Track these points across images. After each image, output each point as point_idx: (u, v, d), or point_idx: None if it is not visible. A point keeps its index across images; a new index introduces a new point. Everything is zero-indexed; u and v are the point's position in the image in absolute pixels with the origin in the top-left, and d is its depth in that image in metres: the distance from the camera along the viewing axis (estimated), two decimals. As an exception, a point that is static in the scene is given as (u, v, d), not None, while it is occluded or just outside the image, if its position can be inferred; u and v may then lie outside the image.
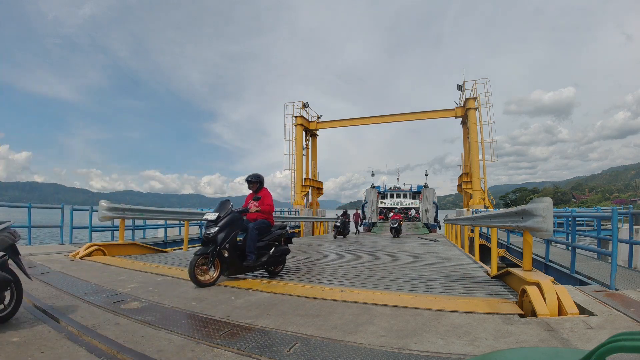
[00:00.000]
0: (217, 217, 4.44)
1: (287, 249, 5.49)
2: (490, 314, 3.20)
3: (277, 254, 5.14)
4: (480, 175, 20.00)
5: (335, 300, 3.71)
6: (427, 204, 28.32)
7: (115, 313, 3.15)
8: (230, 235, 4.45)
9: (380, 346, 2.47)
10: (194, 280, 4.10)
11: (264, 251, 4.95)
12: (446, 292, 4.26)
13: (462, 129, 22.63)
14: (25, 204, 7.93)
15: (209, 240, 4.35)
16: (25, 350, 2.32)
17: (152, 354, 2.31)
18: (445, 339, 2.59)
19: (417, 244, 12.17)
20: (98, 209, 7.20)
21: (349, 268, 6.21)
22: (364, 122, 24.54)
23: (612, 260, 4.29)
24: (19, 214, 9.31)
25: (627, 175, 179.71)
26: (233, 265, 4.55)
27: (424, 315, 3.19)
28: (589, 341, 2.46)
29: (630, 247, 6.49)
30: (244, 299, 3.72)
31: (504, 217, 5.05)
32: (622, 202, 74.75)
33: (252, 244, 4.73)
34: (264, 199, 5.19)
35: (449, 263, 7.14)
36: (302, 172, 23.66)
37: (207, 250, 4.28)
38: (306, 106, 24.17)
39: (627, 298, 3.41)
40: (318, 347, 2.45)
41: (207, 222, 4.48)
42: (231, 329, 2.78)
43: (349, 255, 8.37)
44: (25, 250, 6.60)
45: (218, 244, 4.33)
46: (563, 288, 3.36)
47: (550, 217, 3.72)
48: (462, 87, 21.47)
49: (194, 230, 13.88)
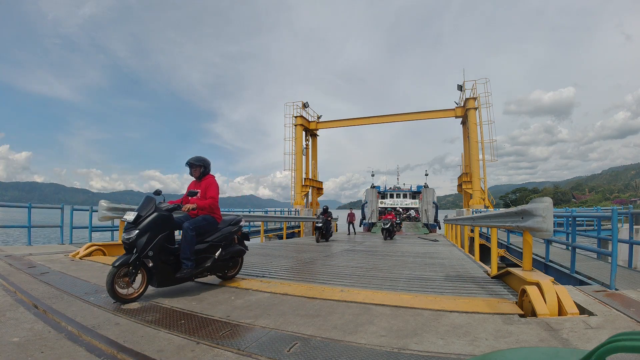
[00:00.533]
0: (137, 217, 3.62)
1: (241, 249, 4.61)
2: (490, 314, 3.20)
3: (225, 256, 4.30)
4: (480, 175, 20.01)
5: (335, 300, 3.71)
6: (427, 204, 28.33)
7: (115, 313, 3.15)
8: (154, 239, 3.60)
9: (380, 346, 2.47)
10: (113, 295, 3.34)
11: (207, 255, 4.12)
12: (446, 292, 4.26)
13: (462, 129, 22.63)
14: (25, 204, 7.93)
15: (130, 247, 3.58)
16: (25, 350, 2.32)
17: (152, 354, 2.31)
18: (445, 339, 2.59)
19: (417, 244, 12.17)
20: (98, 209, 7.20)
21: (349, 268, 6.21)
22: (364, 122, 24.54)
23: (612, 260, 4.29)
24: (19, 214, 9.33)
25: (627, 175, 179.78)
26: (162, 276, 3.71)
27: (424, 315, 3.19)
28: (589, 341, 2.46)
29: (630, 247, 6.49)
30: (243, 299, 3.72)
31: (504, 217, 5.05)
32: (622, 202, 74.77)
33: (187, 248, 3.84)
34: (207, 189, 4.28)
35: (449, 263, 7.14)
36: (302, 172, 23.67)
37: (128, 260, 3.48)
38: (306, 106, 24.18)
39: (627, 298, 3.41)
40: (318, 347, 2.45)
41: (127, 224, 3.67)
42: (231, 329, 2.78)
43: (349, 255, 8.38)
44: (25, 250, 6.61)
45: (138, 251, 3.53)
46: (563, 288, 3.36)
47: (550, 217, 3.72)
48: (462, 87, 21.48)
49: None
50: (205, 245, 4.10)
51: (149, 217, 3.65)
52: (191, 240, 3.88)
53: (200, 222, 4.06)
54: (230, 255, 4.38)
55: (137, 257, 3.52)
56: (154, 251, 3.60)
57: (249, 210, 19.77)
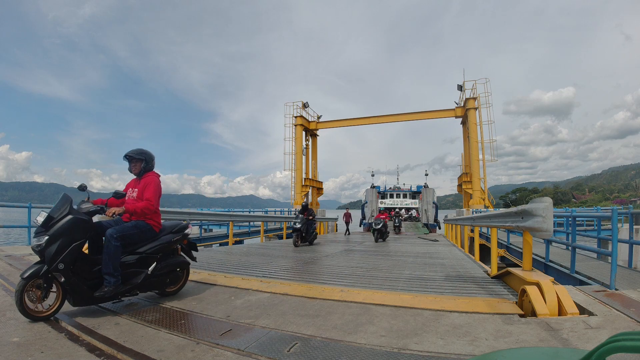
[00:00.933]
0: (48, 219, 2.98)
1: (184, 260, 3.86)
2: (490, 314, 3.20)
3: (161, 271, 3.54)
4: (480, 175, 20.02)
5: (335, 300, 3.71)
6: (427, 204, 28.34)
7: (115, 313, 3.16)
8: (65, 249, 2.94)
9: (381, 346, 2.47)
10: (23, 312, 2.83)
11: (138, 269, 3.38)
12: (446, 292, 4.26)
13: (462, 129, 22.64)
14: (25, 204, 7.93)
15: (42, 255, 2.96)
16: (25, 350, 2.33)
17: (152, 354, 2.31)
18: (445, 339, 2.59)
19: (417, 244, 12.17)
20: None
21: (349, 268, 6.21)
22: (364, 122, 24.55)
23: (612, 260, 4.29)
24: (19, 214, 9.32)
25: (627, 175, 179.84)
26: (76, 294, 3.02)
27: (424, 315, 3.19)
28: (589, 341, 2.47)
29: (630, 247, 6.49)
30: (243, 299, 3.72)
31: (504, 217, 5.05)
32: (622, 202, 74.79)
33: (110, 261, 3.12)
34: (145, 189, 3.54)
35: (448, 263, 7.14)
36: (302, 172, 23.68)
37: (39, 272, 2.89)
38: (306, 106, 24.18)
39: (627, 298, 3.41)
40: (318, 347, 2.46)
41: (37, 228, 3.03)
42: (231, 329, 2.78)
43: (349, 255, 8.37)
44: (25, 250, 6.60)
45: (47, 262, 2.90)
46: (563, 288, 3.36)
47: (550, 217, 3.72)
48: (462, 87, 21.49)
49: (194, 230, 13.91)
50: (136, 257, 3.39)
51: (61, 221, 3.00)
52: (115, 252, 3.15)
53: (129, 230, 3.34)
54: (167, 269, 3.64)
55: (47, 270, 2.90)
56: (66, 263, 2.93)
57: (249, 210, 19.78)
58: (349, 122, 25.65)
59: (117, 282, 3.16)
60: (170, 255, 3.74)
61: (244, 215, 13.67)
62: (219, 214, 12.99)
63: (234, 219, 11.47)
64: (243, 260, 6.87)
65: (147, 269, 3.44)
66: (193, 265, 5.72)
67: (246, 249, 9.27)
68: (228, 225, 12.54)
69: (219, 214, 12.99)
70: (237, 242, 15.57)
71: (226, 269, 5.65)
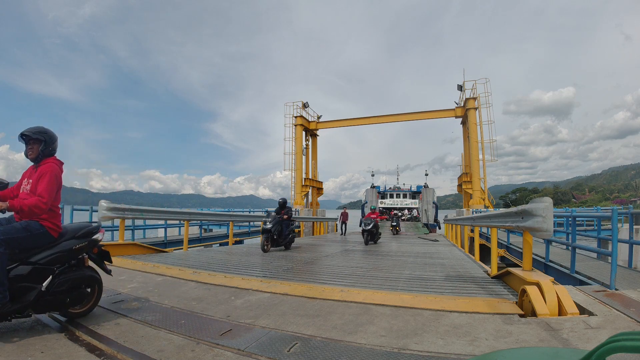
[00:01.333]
0: None
1: (92, 275, 3.06)
2: (490, 314, 3.20)
3: (60, 288, 2.76)
4: (480, 175, 20.00)
5: (335, 300, 3.71)
6: (427, 204, 28.36)
7: (115, 313, 3.15)
8: None
9: (381, 346, 2.48)
10: None
11: (29, 284, 2.64)
12: (446, 292, 4.26)
13: (462, 129, 22.63)
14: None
15: None
16: (25, 350, 2.33)
17: (152, 354, 2.32)
18: (445, 339, 2.59)
19: (417, 244, 12.16)
20: (98, 208, 7.20)
21: (349, 268, 6.21)
22: (364, 122, 24.53)
23: (612, 260, 4.29)
24: None
25: (627, 175, 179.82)
26: None
27: (424, 315, 3.19)
28: (589, 341, 2.47)
29: (630, 247, 6.49)
30: (244, 299, 3.72)
31: (504, 217, 5.05)
32: (622, 202, 74.78)
33: None
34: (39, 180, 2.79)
35: (449, 263, 7.14)
36: (302, 172, 23.66)
37: None
38: (306, 106, 24.17)
39: (627, 298, 3.41)
40: (318, 347, 2.46)
41: None
42: (231, 329, 2.78)
43: (349, 255, 8.38)
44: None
45: None
46: (563, 288, 3.36)
47: (550, 217, 3.73)
48: (462, 87, 21.48)
49: (194, 230, 13.90)
50: (30, 268, 2.66)
51: None
52: None
53: (17, 232, 2.63)
54: (69, 285, 2.83)
55: None
56: None
57: (249, 210, 19.78)
58: (349, 122, 25.63)
59: (3, 300, 2.45)
60: (74, 267, 2.97)
61: (244, 215, 13.67)
62: (219, 214, 12.99)
63: (234, 219, 11.48)
64: (243, 260, 6.87)
65: (41, 285, 2.69)
66: (194, 264, 5.70)
67: (246, 249, 9.28)
68: (228, 225, 12.54)
69: (219, 214, 12.99)
70: (237, 242, 15.56)
71: (226, 269, 5.65)
